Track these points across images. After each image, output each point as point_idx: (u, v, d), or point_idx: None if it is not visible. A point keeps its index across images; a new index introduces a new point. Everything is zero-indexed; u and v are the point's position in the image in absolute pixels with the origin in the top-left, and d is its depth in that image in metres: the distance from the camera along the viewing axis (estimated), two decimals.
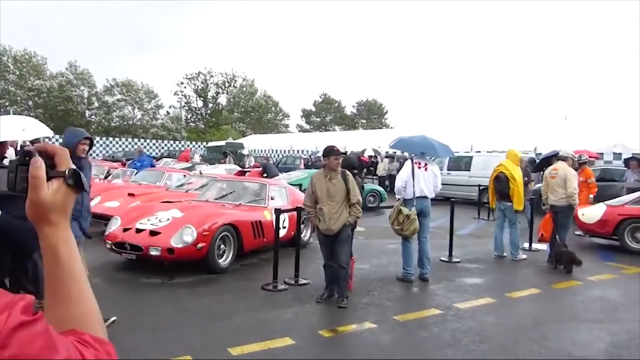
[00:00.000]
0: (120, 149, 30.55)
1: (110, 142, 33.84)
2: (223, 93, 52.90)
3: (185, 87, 51.52)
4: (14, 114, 36.19)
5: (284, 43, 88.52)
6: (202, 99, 52.44)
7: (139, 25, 76.58)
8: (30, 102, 41.79)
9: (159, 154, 32.60)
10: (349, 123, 63.23)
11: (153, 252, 6.01)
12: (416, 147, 6.87)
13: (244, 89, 52.55)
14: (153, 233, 6.23)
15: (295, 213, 6.63)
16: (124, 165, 17.84)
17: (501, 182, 8.06)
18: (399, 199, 6.67)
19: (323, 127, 61.43)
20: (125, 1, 75.18)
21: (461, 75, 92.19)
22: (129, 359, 3.71)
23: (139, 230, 6.32)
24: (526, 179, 10.60)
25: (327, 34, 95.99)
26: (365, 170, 23.33)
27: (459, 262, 7.69)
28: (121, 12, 75.72)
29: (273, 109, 55.45)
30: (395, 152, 20.55)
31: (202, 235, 6.13)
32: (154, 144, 36.68)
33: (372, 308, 5.31)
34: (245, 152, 26.53)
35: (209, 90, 52.51)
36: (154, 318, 4.76)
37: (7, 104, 39.98)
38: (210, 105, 52.68)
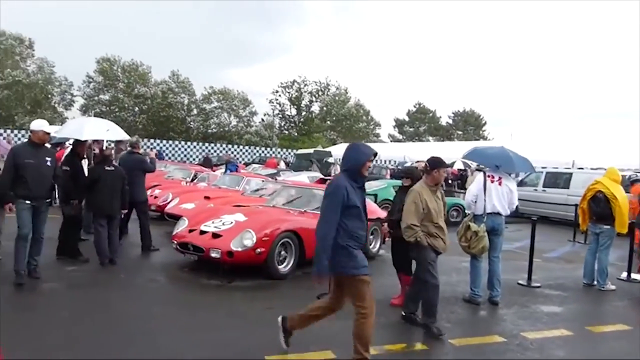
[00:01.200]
0: (215, 154, 32.12)
1: (207, 148, 35.74)
2: (316, 101, 53.80)
3: (280, 96, 53.16)
4: (121, 120, 39.60)
5: (379, 51, 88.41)
6: (295, 107, 53.74)
7: (237, 40, 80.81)
8: (136, 108, 45.42)
9: (251, 159, 33.86)
10: (443, 134, 61.41)
11: (213, 254, 6.14)
12: (490, 159, 6.36)
13: (337, 97, 53.01)
14: (215, 235, 6.36)
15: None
16: (211, 168, 18.93)
17: (599, 202, 7.16)
18: (468, 214, 6.23)
19: (416, 138, 60.23)
20: (225, 19, 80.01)
21: (565, 85, 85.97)
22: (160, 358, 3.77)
23: (202, 232, 6.50)
24: None
25: (423, 41, 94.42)
26: (456, 183, 22.56)
27: (539, 287, 7.00)
28: (221, 29, 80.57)
29: (364, 118, 55.33)
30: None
31: (262, 241, 6.15)
32: (246, 150, 38.16)
33: None
34: (331, 160, 26.70)
35: (303, 99, 53.66)
36: (203, 319, 4.82)
37: (116, 110, 43.78)
38: (303, 113, 53.80)
